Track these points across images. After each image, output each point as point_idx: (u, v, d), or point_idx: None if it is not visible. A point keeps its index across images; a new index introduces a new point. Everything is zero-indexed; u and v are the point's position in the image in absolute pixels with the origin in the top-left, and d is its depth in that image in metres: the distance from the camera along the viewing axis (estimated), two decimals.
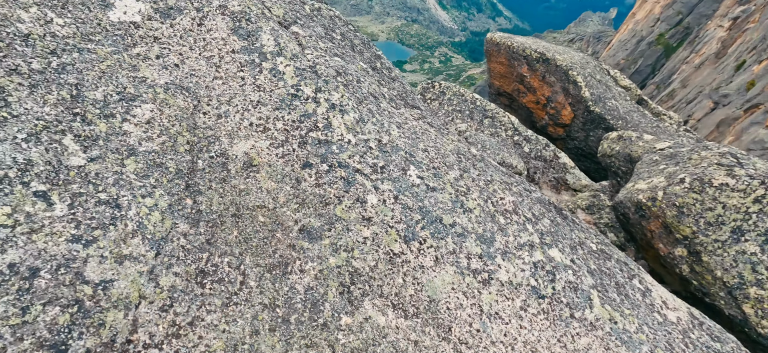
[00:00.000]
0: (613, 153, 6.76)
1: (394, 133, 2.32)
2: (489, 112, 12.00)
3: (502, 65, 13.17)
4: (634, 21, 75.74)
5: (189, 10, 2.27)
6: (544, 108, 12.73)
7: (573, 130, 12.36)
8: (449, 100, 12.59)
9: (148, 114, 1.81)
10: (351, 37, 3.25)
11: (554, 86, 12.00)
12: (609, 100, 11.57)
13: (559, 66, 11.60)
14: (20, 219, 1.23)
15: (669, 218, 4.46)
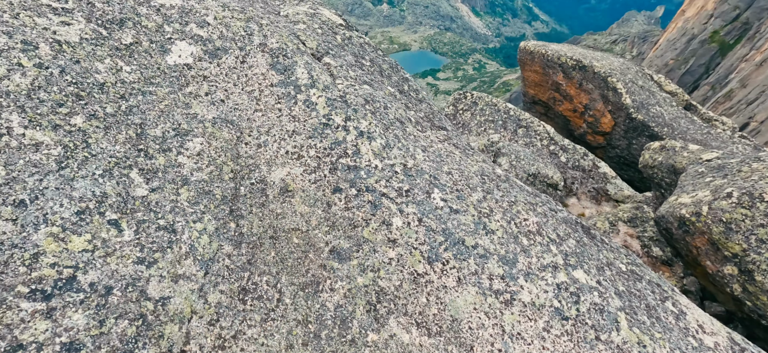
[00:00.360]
0: (655, 164, 6.43)
1: (419, 156, 2.44)
2: (523, 121, 11.78)
3: (537, 74, 12.90)
4: (683, 19, 71.26)
5: (233, 49, 2.53)
6: (582, 116, 12.30)
7: (614, 138, 11.85)
8: (482, 110, 12.50)
9: (199, 146, 2.05)
10: (380, 63, 3.42)
11: (592, 94, 11.59)
12: (653, 106, 10.99)
13: (597, 73, 11.19)
14: (98, 244, 1.47)
15: (715, 234, 4.21)
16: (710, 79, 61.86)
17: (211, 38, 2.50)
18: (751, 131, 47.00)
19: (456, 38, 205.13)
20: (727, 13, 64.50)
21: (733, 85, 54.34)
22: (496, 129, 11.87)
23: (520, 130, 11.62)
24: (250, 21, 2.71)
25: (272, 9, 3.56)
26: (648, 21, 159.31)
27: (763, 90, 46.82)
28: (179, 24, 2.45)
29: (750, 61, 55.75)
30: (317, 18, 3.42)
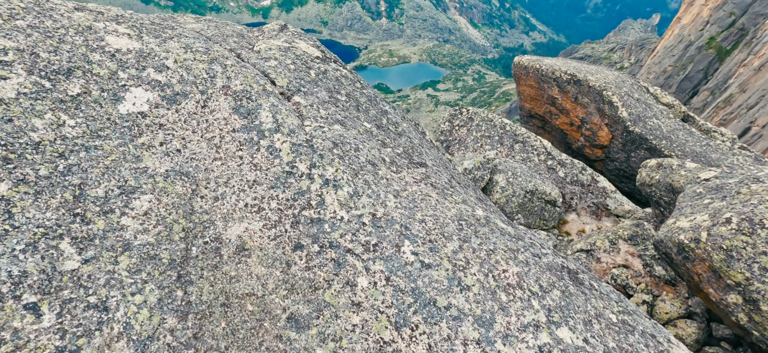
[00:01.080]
0: (652, 182, 6.24)
1: (390, 203, 2.28)
2: (520, 136, 11.64)
3: (532, 88, 12.81)
4: (679, 26, 71.76)
5: (194, 93, 2.40)
6: (579, 129, 12.15)
7: (612, 151, 11.68)
8: (478, 125, 12.38)
9: (147, 205, 1.90)
10: (356, 96, 3.29)
11: (588, 107, 11.46)
12: (650, 118, 10.84)
13: (592, 87, 11.08)
14: (6, 336, 1.31)
15: (716, 262, 4.01)
16: (709, 85, 61.99)
17: (170, 83, 2.38)
18: (752, 135, 46.87)
19: (455, 50, 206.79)
20: (723, 19, 64.94)
21: (733, 90, 54.39)
22: (492, 144, 11.72)
23: (517, 146, 11.47)
24: (213, 62, 2.58)
25: (246, 44, 3.45)
26: (644, 29, 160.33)
27: (763, 94, 46.79)
28: (135, 69, 2.33)
29: (748, 65, 55.87)
30: (291, 52, 3.30)
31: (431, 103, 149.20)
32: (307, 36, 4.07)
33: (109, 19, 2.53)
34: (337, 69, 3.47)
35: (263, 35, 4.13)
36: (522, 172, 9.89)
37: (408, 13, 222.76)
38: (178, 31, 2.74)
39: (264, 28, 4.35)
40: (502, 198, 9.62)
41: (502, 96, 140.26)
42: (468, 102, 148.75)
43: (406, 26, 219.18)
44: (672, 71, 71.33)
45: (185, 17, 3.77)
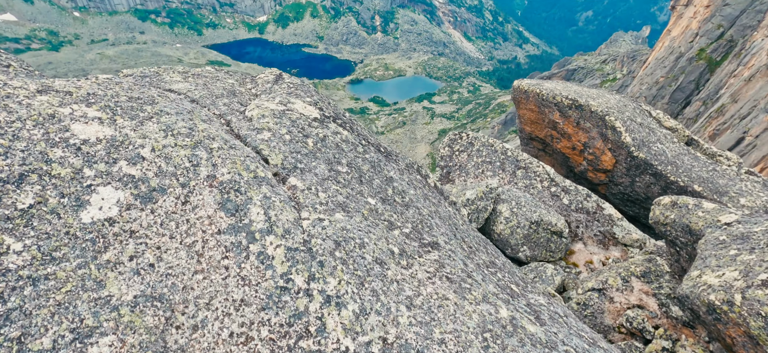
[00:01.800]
0: (667, 221, 5.95)
1: (403, 319, 1.94)
2: (522, 162, 11.37)
3: (532, 112, 12.60)
4: (670, 38, 72.96)
5: (173, 187, 2.06)
6: (581, 154, 11.92)
7: (616, 175, 11.43)
8: (478, 151, 12.11)
9: (107, 349, 1.54)
10: (359, 164, 2.97)
11: (590, 132, 11.24)
12: (654, 143, 10.62)
13: (594, 112, 10.87)
14: None
15: (754, 329, 3.69)
16: (701, 95, 62.77)
17: (146, 177, 2.04)
18: (746, 145, 47.17)
19: (450, 63, 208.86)
20: (712, 31, 66.20)
21: (725, 100, 55.03)
22: (494, 171, 11.44)
23: (520, 172, 11.20)
24: (197, 146, 2.25)
25: (238, 105, 3.13)
26: (635, 40, 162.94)
27: (755, 104, 47.31)
28: (105, 163, 1.99)
29: (738, 76, 56.67)
30: (287, 118, 2.98)
31: (427, 116, 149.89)
32: (304, 89, 3.77)
33: (78, 101, 2.20)
34: (336, 132, 3.15)
35: (257, 87, 3.84)
36: (526, 202, 9.58)
37: (403, 27, 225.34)
38: (159, 107, 2.42)
39: (258, 78, 4.05)
40: (507, 229, 9.29)
41: (498, 108, 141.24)
42: (464, 114, 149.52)
43: (401, 40, 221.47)
44: (664, 82, 72.36)
45: (171, 75, 3.46)
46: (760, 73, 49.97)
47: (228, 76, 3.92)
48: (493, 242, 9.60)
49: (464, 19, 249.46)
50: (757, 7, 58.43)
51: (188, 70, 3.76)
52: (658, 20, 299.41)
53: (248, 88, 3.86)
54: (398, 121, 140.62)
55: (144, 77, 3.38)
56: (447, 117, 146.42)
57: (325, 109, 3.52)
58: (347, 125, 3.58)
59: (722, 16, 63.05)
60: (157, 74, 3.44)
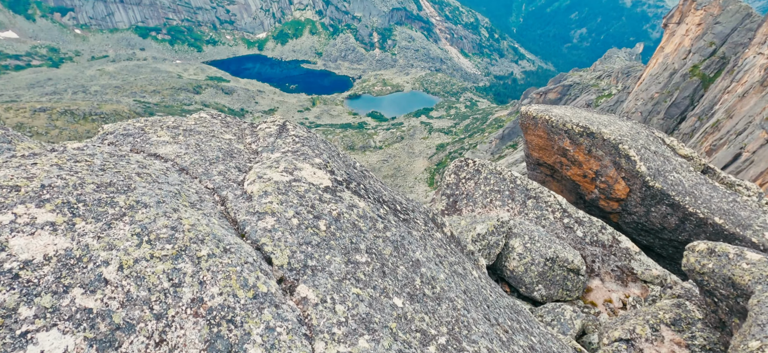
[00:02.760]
0: (704, 271, 5.44)
1: None
2: (532, 191, 10.89)
3: (541, 138, 12.19)
4: (663, 54, 73.98)
5: (145, 321, 1.53)
6: (593, 181, 11.48)
7: (630, 204, 10.96)
8: (486, 178, 11.63)
9: None
10: (380, 247, 2.45)
11: (603, 160, 10.82)
12: (670, 173, 10.19)
13: (607, 140, 10.46)
14: None
15: None
16: (696, 111, 63.33)
17: (108, 310, 1.51)
18: (744, 161, 47.24)
19: (447, 78, 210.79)
20: (704, 48, 67.29)
21: (719, 116, 55.43)
22: (503, 200, 10.94)
23: (530, 202, 10.71)
24: (180, 256, 1.73)
25: (235, 173, 2.63)
26: (629, 57, 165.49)
27: (750, 120, 47.58)
28: (52, 295, 1.46)
29: (732, 92, 57.30)
30: (294, 191, 2.47)
31: (425, 130, 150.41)
32: (312, 145, 3.27)
33: (27, 199, 1.69)
34: (352, 205, 2.64)
35: (258, 141, 3.36)
36: (540, 236, 9.06)
37: (400, 43, 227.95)
38: (135, 196, 1.91)
39: (259, 129, 3.57)
40: (520, 266, 8.75)
41: (495, 123, 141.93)
42: (461, 128, 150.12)
43: (398, 56, 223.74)
44: (659, 97, 73.15)
45: (159, 133, 2.96)
46: (753, 90, 50.52)
47: (225, 128, 3.42)
48: (505, 279, 9.04)
49: (461, 36, 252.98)
50: (747, 26, 59.49)
51: (179, 122, 3.26)
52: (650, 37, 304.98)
53: (248, 143, 3.37)
54: (396, 136, 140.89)
55: (127, 136, 2.88)
56: (445, 132, 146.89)
57: (336, 170, 3.02)
58: (362, 188, 3.07)
59: (714, 34, 64.22)
60: (142, 132, 2.94)
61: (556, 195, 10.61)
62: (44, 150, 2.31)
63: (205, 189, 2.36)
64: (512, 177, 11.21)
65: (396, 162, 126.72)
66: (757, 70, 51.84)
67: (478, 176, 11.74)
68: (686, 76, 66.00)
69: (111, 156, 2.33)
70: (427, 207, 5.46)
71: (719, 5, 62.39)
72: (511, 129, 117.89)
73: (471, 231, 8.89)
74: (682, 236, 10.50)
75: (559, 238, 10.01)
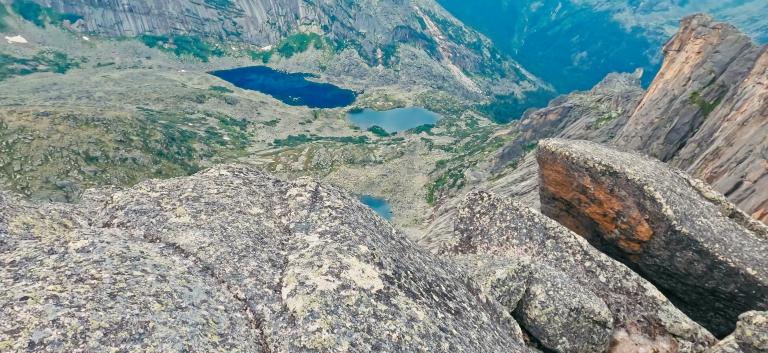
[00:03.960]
0: (763, 348, 4.95)
1: None
2: (551, 230, 10.41)
3: (559, 174, 11.79)
4: (663, 80, 74.55)
5: None
6: (614, 221, 11.02)
7: (652, 248, 10.48)
8: (502, 214, 11.16)
9: None
10: None
11: (625, 200, 10.39)
12: (697, 217, 9.75)
13: (631, 180, 10.05)
14: None
15: None
16: (696, 137, 63.41)
17: None
18: (745, 190, 46.95)
19: (448, 96, 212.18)
20: (703, 76, 67.91)
21: (719, 143, 55.35)
22: (520, 239, 10.47)
23: (549, 242, 10.23)
24: None
25: (268, 277, 2.17)
26: (629, 81, 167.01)
27: (751, 149, 47.48)
28: None
29: (732, 120, 57.37)
30: (345, 305, 2.01)
31: (425, 146, 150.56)
32: (351, 222, 2.82)
33: None
34: (410, 317, 2.18)
35: (290, 215, 2.91)
36: (563, 283, 8.55)
37: (403, 60, 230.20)
38: (151, 351, 1.44)
39: (289, 199, 3.12)
40: (543, 316, 8.21)
41: (495, 141, 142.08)
42: (461, 146, 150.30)
43: (401, 73, 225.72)
44: (659, 122, 73.42)
45: (178, 209, 2.50)
46: (753, 118, 50.58)
47: (251, 197, 2.96)
48: (526, 329, 8.49)
49: (463, 55, 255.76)
50: (746, 55, 60.09)
51: (199, 191, 2.80)
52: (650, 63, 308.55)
53: (278, 217, 2.89)
54: (396, 151, 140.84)
55: (140, 214, 2.41)
56: (445, 148, 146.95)
57: (383, 259, 2.56)
58: (410, 279, 2.61)
59: (713, 62, 64.96)
60: (157, 206, 2.48)
61: (576, 236, 10.14)
62: (41, 251, 1.87)
63: (235, 301, 1.90)
64: (530, 214, 10.75)
65: (396, 177, 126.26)
66: (757, 100, 52.11)
67: (493, 211, 11.27)
68: (686, 103, 66.52)
69: (122, 260, 1.86)
70: (461, 271, 4.98)
71: (718, 35, 63.19)
72: (510, 148, 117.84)
73: (490, 276, 8.37)
74: (709, 284, 9.99)
75: (581, 284, 9.50)
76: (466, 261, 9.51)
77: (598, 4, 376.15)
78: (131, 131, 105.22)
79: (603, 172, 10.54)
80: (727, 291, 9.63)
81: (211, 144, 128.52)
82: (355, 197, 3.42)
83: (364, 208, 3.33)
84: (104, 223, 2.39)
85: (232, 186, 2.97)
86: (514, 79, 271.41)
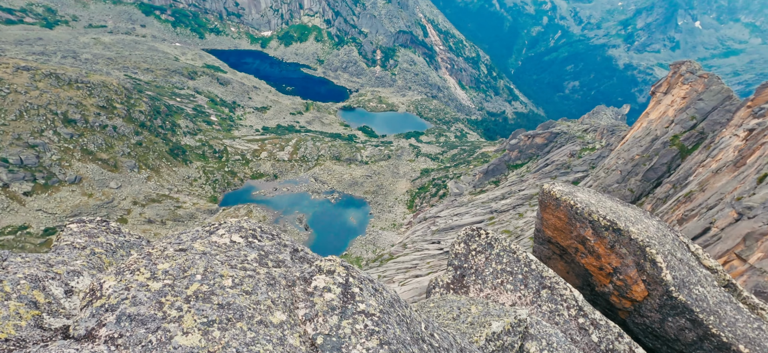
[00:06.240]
0: None
1: None
2: (547, 280, 10.17)
3: (560, 220, 11.60)
4: (647, 120, 76.69)
5: None
6: (609, 276, 10.88)
7: (644, 309, 10.37)
8: (498, 255, 10.87)
9: None
10: None
11: (625, 259, 10.26)
12: (694, 285, 9.69)
13: (634, 240, 9.92)
14: None
15: None
16: (672, 178, 65.32)
17: None
18: (711, 236, 48.32)
19: (441, 106, 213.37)
20: (685, 121, 70.01)
21: (693, 187, 57.06)
22: (514, 284, 10.20)
23: (544, 292, 9.99)
24: None
25: None
26: (615, 116, 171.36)
27: (721, 197, 48.96)
28: None
29: (706, 166, 59.21)
30: None
31: (412, 153, 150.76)
32: (390, 345, 2.34)
33: None
34: None
35: (316, 320, 2.45)
36: (559, 343, 8.28)
37: (401, 65, 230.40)
38: None
39: (315, 293, 2.66)
40: None
41: (481, 157, 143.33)
42: (448, 157, 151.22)
43: (398, 77, 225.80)
44: (639, 160, 75.41)
45: (186, 316, 2.02)
46: (727, 168, 52.29)
47: (272, 295, 2.47)
48: None
49: (461, 68, 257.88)
50: (727, 106, 62.36)
51: (211, 285, 2.30)
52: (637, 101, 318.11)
53: (302, 323, 2.42)
54: (384, 154, 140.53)
55: (137, 324, 1.90)
56: (432, 157, 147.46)
57: None
58: None
59: (696, 109, 67.15)
60: (159, 313, 1.98)
61: (572, 289, 9.92)
62: None
63: None
64: (527, 260, 10.49)
65: (380, 179, 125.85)
66: (732, 151, 53.87)
67: (489, 251, 10.98)
68: (666, 144, 68.62)
69: None
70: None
71: (704, 83, 65.37)
72: (495, 166, 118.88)
73: (486, 328, 8.02)
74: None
75: (573, 341, 9.28)
76: (459, 304, 9.16)
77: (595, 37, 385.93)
78: (115, 98, 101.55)
79: (606, 227, 10.38)
80: None
81: (197, 122, 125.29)
82: (387, 290, 2.97)
83: (395, 303, 2.90)
84: (86, 332, 1.88)
85: (247, 269, 2.47)
86: (507, 98, 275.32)
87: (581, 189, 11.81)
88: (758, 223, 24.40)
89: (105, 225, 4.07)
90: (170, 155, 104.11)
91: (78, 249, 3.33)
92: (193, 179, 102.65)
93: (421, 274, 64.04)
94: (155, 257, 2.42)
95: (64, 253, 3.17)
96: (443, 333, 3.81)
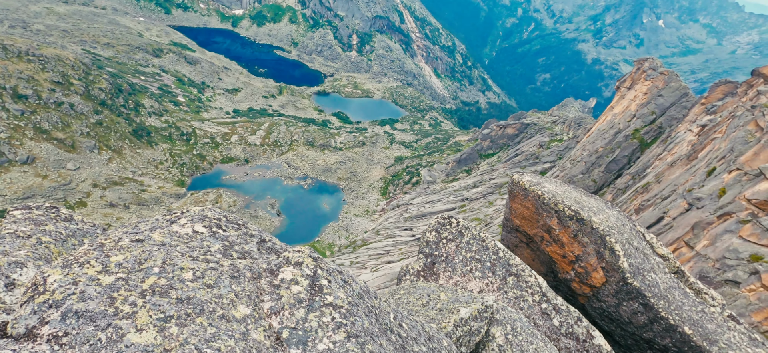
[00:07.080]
0: None
1: None
2: (513, 267, 10.54)
3: (528, 210, 11.99)
4: (612, 113, 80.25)
5: None
6: (572, 264, 11.41)
7: (602, 294, 10.98)
8: (468, 243, 11.14)
9: None
10: None
11: (587, 247, 10.78)
12: (648, 272, 10.34)
13: (595, 229, 10.42)
14: None
15: None
16: (631, 170, 68.80)
17: None
18: (664, 225, 51.62)
19: (416, 94, 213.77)
20: (646, 116, 73.58)
21: (650, 179, 60.35)
22: (483, 272, 10.51)
23: (511, 279, 10.36)
24: None
25: None
26: (582, 109, 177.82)
27: (675, 189, 52.25)
28: None
29: (663, 159, 62.72)
30: None
31: (387, 140, 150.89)
32: (358, 338, 2.35)
33: None
34: None
35: (282, 312, 2.45)
36: (522, 328, 8.64)
37: (378, 51, 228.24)
38: None
39: (282, 285, 2.63)
40: None
41: (454, 146, 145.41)
42: (422, 145, 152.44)
43: (374, 63, 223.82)
44: (603, 152, 78.66)
45: (140, 311, 1.96)
46: (680, 161, 55.57)
47: (235, 288, 2.40)
48: None
49: (437, 57, 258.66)
50: (683, 103, 66.16)
51: (169, 277, 2.23)
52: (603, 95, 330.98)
53: (268, 317, 2.37)
54: (358, 141, 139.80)
55: (84, 321, 1.80)
56: (406, 145, 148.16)
57: None
58: None
59: (656, 105, 70.57)
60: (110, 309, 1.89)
61: (537, 276, 10.34)
62: None
63: None
64: (495, 248, 10.81)
65: (353, 166, 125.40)
66: (686, 145, 57.07)
67: (460, 239, 11.22)
68: (628, 137, 71.84)
69: None
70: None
71: (664, 80, 68.78)
72: (468, 155, 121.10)
73: (454, 314, 8.23)
74: (647, 335, 10.66)
75: (536, 326, 9.71)
76: (429, 291, 9.34)
77: (566, 31, 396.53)
78: (72, 74, 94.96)
79: (571, 217, 10.83)
80: (662, 343, 10.34)
81: (163, 102, 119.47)
82: (356, 281, 2.95)
83: (365, 295, 2.89)
84: (27, 330, 1.75)
85: (210, 261, 2.38)
86: (481, 88, 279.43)
87: (548, 180, 12.26)
88: (705, 213, 26.20)
89: (54, 211, 3.80)
90: (134, 136, 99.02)
91: (22, 238, 3.10)
92: (158, 162, 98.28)
93: (393, 260, 64.83)
94: (108, 248, 2.28)
95: (6, 242, 2.94)
96: (412, 322, 3.84)
